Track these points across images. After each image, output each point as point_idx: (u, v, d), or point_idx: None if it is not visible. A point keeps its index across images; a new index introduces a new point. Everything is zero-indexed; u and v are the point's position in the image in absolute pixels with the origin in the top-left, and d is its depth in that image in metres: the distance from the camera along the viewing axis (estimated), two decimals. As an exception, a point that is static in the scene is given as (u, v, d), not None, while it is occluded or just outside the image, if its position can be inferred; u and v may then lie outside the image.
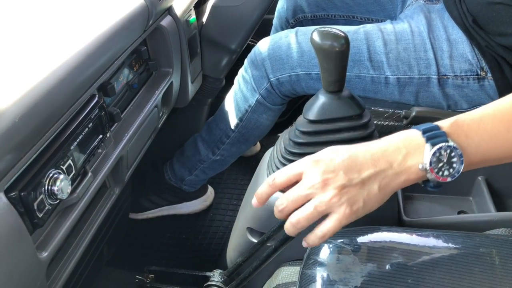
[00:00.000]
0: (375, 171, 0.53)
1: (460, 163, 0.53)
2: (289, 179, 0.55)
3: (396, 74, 0.96)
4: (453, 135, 0.53)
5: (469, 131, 0.54)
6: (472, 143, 0.53)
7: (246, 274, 0.75)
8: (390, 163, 0.53)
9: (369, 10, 1.20)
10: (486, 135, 0.53)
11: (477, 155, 0.54)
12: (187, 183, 1.30)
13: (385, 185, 0.53)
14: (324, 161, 0.53)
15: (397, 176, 0.53)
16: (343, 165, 0.53)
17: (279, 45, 1.02)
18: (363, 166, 0.53)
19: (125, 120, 0.89)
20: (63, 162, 0.65)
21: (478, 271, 0.58)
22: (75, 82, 0.67)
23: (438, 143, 0.52)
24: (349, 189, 0.52)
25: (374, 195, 0.53)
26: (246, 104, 1.10)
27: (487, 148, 0.54)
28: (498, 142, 0.53)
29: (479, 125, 0.54)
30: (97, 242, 1.00)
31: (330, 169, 0.52)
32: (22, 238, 0.57)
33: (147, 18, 0.88)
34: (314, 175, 0.52)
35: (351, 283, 0.57)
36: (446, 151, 0.52)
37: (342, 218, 0.52)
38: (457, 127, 0.54)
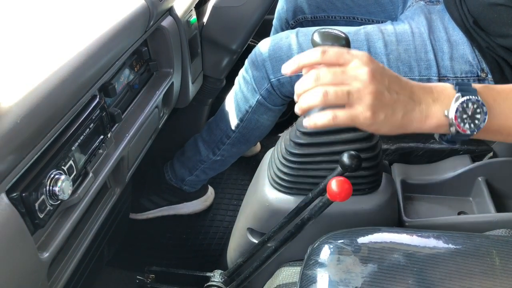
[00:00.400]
0: (409, 99, 0.54)
1: (483, 120, 0.55)
2: (338, 58, 0.54)
3: (396, 75, 0.96)
4: (483, 94, 0.56)
5: (497, 96, 0.56)
6: (498, 107, 0.56)
7: (246, 275, 0.75)
8: (420, 101, 0.55)
9: (369, 11, 1.20)
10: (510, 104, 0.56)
11: (498, 120, 0.56)
12: (187, 183, 1.30)
13: (409, 117, 0.54)
14: (377, 63, 0.55)
15: (421, 115, 0.55)
16: (391, 76, 0.55)
17: (279, 45, 1.02)
18: (404, 89, 0.54)
19: (126, 121, 0.89)
20: (64, 163, 0.65)
21: (478, 271, 0.58)
22: (77, 83, 0.67)
23: (467, 95, 0.54)
24: (383, 98, 0.53)
25: (395, 119, 0.54)
26: (247, 104, 1.10)
27: (509, 117, 0.56)
28: None
29: (508, 94, 0.57)
30: (97, 242, 1.00)
31: (380, 72, 0.54)
32: (23, 238, 0.57)
33: (148, 19, 0.89)
34: (365, 67, 0.53)
35: (351, 283, 0.57)
36: (474, 104, 0.54)
37: (358, 117, 0.53)
38: (488, 89, 0.57)
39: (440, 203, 0.89)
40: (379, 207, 0.77)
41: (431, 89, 0.56)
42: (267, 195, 0.80)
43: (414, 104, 0.54)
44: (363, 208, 0.76)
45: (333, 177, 0.59)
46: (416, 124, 0.55)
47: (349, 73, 0.53)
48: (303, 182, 0.77)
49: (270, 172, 0.81)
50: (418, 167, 0.94)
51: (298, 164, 0.76)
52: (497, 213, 0.81)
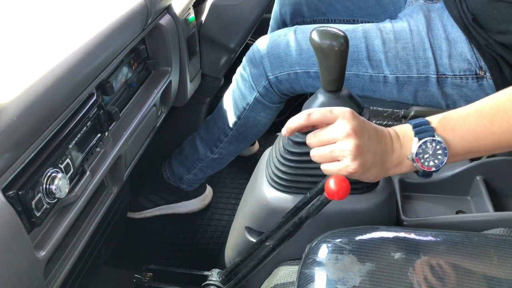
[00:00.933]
0: (384, 151, 0.60)
1: (444, 155, 0.59)
2: (323, 119, 0.60)
3: (394, 73, 0.96)
4: (440, 129, 0.60)
5: (456, 125, 0.60)
6: (458, 136, 0.59)
7: (244, 273, 0.75)
8: (393, 150, 0.61)
9: (370, 13, 1.19)
10: (471, 128, 0.59)
11: (462, 146, 0.60)
12: (185, 182, 1.30)
13: (386, 166, 0.61)
14: (359, 119, 0.60)
15: (394, 163, 0.61)
16: (369, 131, 0.60)
17: (277, 43, 1.02)
18: (380, 143, 0.60)
19: (123, 119, 0.89)
20: (61, 161, 0.65)
21: (476, 270, 0.58)
22: (74, 81, 0.67)
23: (424, 137, 0.59)
24: (364, 153, 0.58)
25: (375, 171, 0.60)
26: (244, 102, 1.09)
27: (471, 140, 0.59)
28: (482, 135, 0.59)
29: (465, 119, 0.60)
30: (95, 241, 1.00)
31: (360, 128, 0.59)
32: (19, 237, 0.56)
33: (146, 17, 0.88)
34: (346, 125, 0.58)
35: (349, 282, 0.57)
36: (431, 144, 0.59)
37: (343, 169, 0.59)
38: (445, 122, 0.60)
39: (438, 202, 0.88)
40: (377, 206, 0.76)
41: (397, 136, 0.61)
42: (265, 194, 0.80)
43: (388, 155, 0.60)
44: (361, 207, 0.76)
45: (331, 176, 0.59)
46: (393, 171, 0.61)
47: (332, 134, 0.59)
48: (301, 181, 0.76)
49: (268, 171, 0.81)
50: (416, 166, 0.94)
51: (296, 162, 0.75)
52: (495, 212, 0.81)
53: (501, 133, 0.58)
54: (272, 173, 0.79)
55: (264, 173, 0.82)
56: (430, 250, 0.62)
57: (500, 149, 0.61)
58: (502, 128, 0.58)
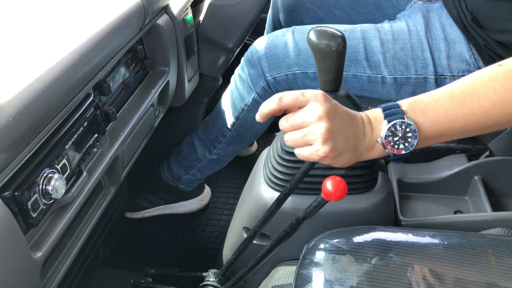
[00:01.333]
0: (356, 135, 0.59)
1: (414, 138, 0.58)
2: (295, 102, 0.59)
3: (393, 73, 0.96)
4: (411, 112, 0.59)
5: (426, 109, 0.58)
6: (428, 118, 0.58)
7: (241, 274, 0.75)
8: (364, 134, 0.60)
9: (369, 18, 1.18)
10: (441, 111, 0.58)
11: (432, 129, 0.58)
12: (183, 182, 1.30)
13: (358, 151, 0.60)
14: (331, 102, 0.58)
15: (366, 147, 0.60)
16: (342, 114, 0.59)
17: (275, 43, 1.02)
18: (353, 126, 0.59)
19: (121, 119, 0.89)
20: (58, 162, 0.64)
21: (474, 271, 0.57)
22: (70, 81, 0.66)
23: (394, 119, 0.58)
24: (335, 136, 0.57)
25: (347, 155, 0.59)
26: (243, 103, 1.09)
27: (442, 123, 0.58)
28: (452, 117, 0.58)
29: (436, 102, 0.58)
30: (93, 241, 1.00)
31: (332, 111, 0.57)
32: (15, 238, 0.56)
33: (143, 17, 0.88)
34: (317, 108, 0.57)
35: (347, 283, 0.57)
36: (401, 126, 0.58)
37: (314, 154, 0.58)
38: (415, 105, 0.59)
39: (436, 202, 0.88)
40: (375, 206, 0.76)
41: (369, 120, 0.60)
42: (263, 194, 0.80)
43: (360, 139, 0.59)
44: (359, 207, 0.76)
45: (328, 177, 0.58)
46: (365, 155, 0.61)
47: (303, 118, 0.58)
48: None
49: (266, 171, 0.81)
50: (414, 166, 0.94)
51: (293, 163, 0.75)
52: (493, 212, 0.81)
53: (472, 116, 0.57)
54: (269, 173, 0.79)
55: (262, 173, 0.82)
56: (428, 250, 0.62)
57: (470, 132, 0.60)
58: (472, 111, 0.57)
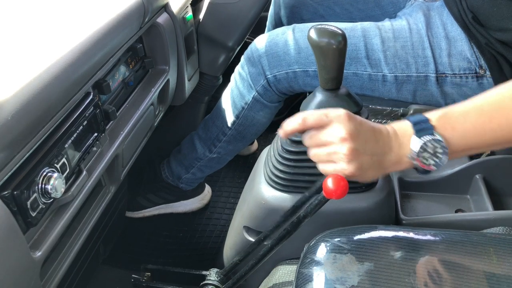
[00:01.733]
0: (382, 151, 0.59)
1: (444, 154, 0.58)
2: (319, 123, 0.60)
3: (393, 72, 0.95)
4: (441, 128, 0.59)
5: (456, 124, 0.59)
6: (457, 134, 0.59)
7: (242, 273, 0.75)
8: (390, 149, 0.60)
9: (369, 15, 1.18)
10: (470, 126, 0.58)
11: (461, 144, 0.59)
12: (184, 181, 1.29)
13: (383, 166, 0.60)
14: (355, 121, 0.59)
15: (392, 162, 0.60)
16: (366, 133, 0.59)
17: (276, 42, 1.01)
18: (377, 143, 0.59)
19: (120, 118, 0.88)
20: (57, 161, 0.64)
21: (475, 269, 0.57)
22: (70, 80, 0.66)
23: (424, 135, 0.58)
24: (360, 155, 0.58)
25: (372, 170, 0.60)
26: (243, 101, 1.09)
27: (470, 137, 0.59)
28: (481, 132, 0.58)
29: (465, 117, 0.59)
30: (93, 241, 0.99)
31: (356, 131, 0.58)
32: (15, 237, 0.56)
33: (143, 15, 0.88)
34: (341, 129, 0.58)
35: (348, 282, 0.57)
36: (432, 143, 0.58)
37: (339, 172, 0.59)
38: (445, 120, 0.59)
39: (437, 201, 0.88)
40: (376, 205, 0.76)
41: (396, 135, 0.60)
42: (263, 193, 0.79)
43: (386, 155, 0.60)
44: (359, 206, 0.76)
45: (329, 175, 0.58)
46: (391, 169, 0.61)
47: (327, 137, 0.59)
48: (300, 180, 0.76)
49: (266, 170, 0.81)
50: (415, 164, 0.94)
51: (294, 162, 0.75)
52: (495, 211, 0.81)
53: (500, 130, 0.58)
54: (270, 172, 0.79)
55: (262, 172, 0.82)
56: (429, 249, 0.62)
57: (497, 145, 0.61)
58: (500, 126, 0.58)
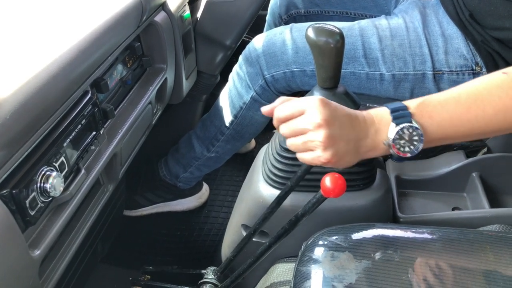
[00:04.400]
0: (357, 137, 0.59)
1: (420, 142, 0.58)
2: (293, 112, 0.60)
3: (391, 70, 0.95)
4: (418, 116, 0.59)
5: (433, 112, 0.59)
6: (434, 122, 0.59)
7: (240, 271, 0.75)
8: (366, 135, 0.59)
9: (363, 6, 1.19)
10: (447, 115, 0.58)
11: (438, 133, 0.59)
12: (182, 180, 1.29)
13: (359, 152, 0.60)
14: (329, 106, 0.58)
15: (368, 148, 0.60)
16: (341, 119, 0.58)
17: (273, 41, 1.01)
18: (353, 129, 0.59)
19: (118, 117, 0.88)
20: (56, 159, 0.64)
21: (472, 267, 0.58)
22: (68, 78, 0.66)
23: (402, 122, 0.58)
24: (336, 141, 0.58)
25: (349, 156, 0.59)
26: (241, 101, 1.09)
27: (447, 127, 0.59)
28: (457, 122, 0.58)
29: (443, 106, 0.59)
30: (91, 239, 0.99)
31: (332, 117, 0.57)
32: (14, 236, 0.56)
33: (141, 14, 0.88)
34: (316, 115, 0.57)
35: (345, 280, 0.57)
36: (408, 130, 0.58)
37: (316, 159, 0.59)
38: (423, 107, 0.59)
39: (434, 199, 0.89)
40: (373, 203, 0.76)
41: (373, 120, 0.60)
42: (261, 191, 0.80)
43: (361, 140, 0.59)
44: (357, 204, 0.76)
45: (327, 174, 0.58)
46: (367, 155, 0.61)
47: (301, 125, 0.59)
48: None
49: (264, 169, 0.81)
50: (412, 163, 0.94)
51: (292, 160, 0.75)
52: (491, 208, 0.81)
53: (476, 122, 0.58)
54: (268, 170, 0.79)
55: (260, 170, 0.82)
56: (426, 247, 0.62)
57: (473, 136, 0.61)
58: (477, 117, 0.58)
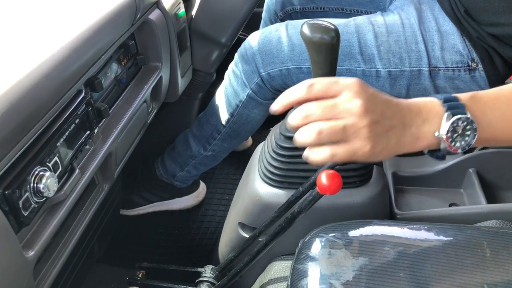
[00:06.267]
0: (401, 125, 0.53)
1: (472, 137, 0.53)
2: (328, 91, 0.51)
3: (387, 67, 0.95)
4: (471, 108, 0.54)
5: (485, 108, 0.54)
6: (486, 119, 0.54)
7: (237, 269, 0.75)
8: (411, 124, 0.53)
9: (358, 2, 1.19)
10: (499, 114, 0.54)
11: (488, 132, 0.54)
12: (178, 179, 1.29)
13: (402, 142, 0.53)
14: (369, 91, 0.51)
15: (412, 138, 0.53)
16: (384, 104, 0.52)
17: (269, 39, 1.01)
18: (395, 115, 0.52)
19: (113, 116, 0.88)
20: (49, 159, 0.64)
21: (469, 263, 0.57)
22: (61, 77, 0.66)
23: (457, 114, 0.52)
24: (378, 128, 0.51)
25: (391, 146, 0.52)
26: (237, 99, 1.09)
27: (497, 127, 0.54)
28: (507, 123, 0.54)
29: (495, 103, 0.54)
30: (87, 239, 0.99)
31: (372, 101, 0.51)
32: (7, 237, 0.55)
33: (135, 12, 0.87)
34: (358, 98, 0.50)
35: (342, 277, 0.57)
36: (463, 122, 0.52)
37: (358, 152, 0.51)
38: (475, 101, 0.54)
39: (431, 195, 0.89)
40: (370, 200, 0.76)
41: (419, 109, 0.54)
42: (258, 189, 0.79)
43: (405, 129, 0.53)
44: (354, 201, 0.76)
45: (323, 170, 0.58)
46: (407, 147, 0.54)
47: (341, 106, 0.50)
48: (294, 176, 0.76)
49: (260, 166, 0.81)
50: (409, 159, 0.94)
51: (288, 157, 0.75)
52: (488, 204, 0.81)
53: None
54: (264, 168, 0.79)
55: (256, 168, 0.82)
56: (424, 243, 0.62)
57: None
58: None
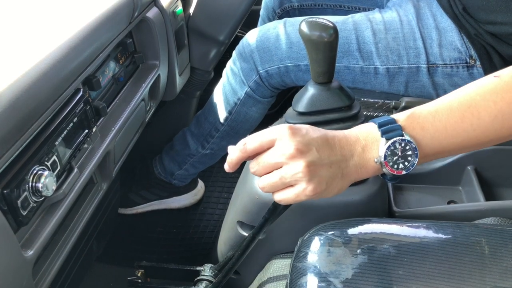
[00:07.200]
0: (341, 157, 0.53)
1: (414, 156, 0.53)
2: (261, 146, 0.53)
3: (385, 64, 0.95)
4: (409, 128, 0.53)
5: (425, 123, 0.54)
6: (428, 134, 0.53)
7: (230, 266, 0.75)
8: (352, 154, 0.53)
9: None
10: (441, 126, 0.53)
11: (432, 146, 0.54)
12: (177, 178, 1.29)
13: (347, 174, 0.54)
14: (299, 133, 0.52)
15: (356, 168, 0.54)
16: (316, 142, 0.52)
17: (267, 36, 1.01)
18: (333, 150, 0.53)
19: (111, 114, 0.88)
20: (48, 158, 0.63)
21: (467, 260, 0.58)
22: (59, 76, 0.65)
23: (392, 137, 0.52)
24: (316, 168, 0.51)
25: (336, 182, 0.53)
26: (235, 97, 1.09)
27: (442, 139, 0.54)
28: (453, 132, 0.53)
29: (435, 116, 0.54)
30: (86, 238, 0.99)
31: (304, 142, 0.52)
32: (5, 236, 0.55)
33: (132, 10, 0.87)
34: (288, 144, 0.51)
35: (342, 275, 0.57)
36: (400, 144, 0.52)
37: (301, 194, 0.52)
38: (413, 119, 0.54)
39: (429, 193, 0.89)
40: (368, 198, 0.76)
41: (357, 137, 0.54)
42: (256, 187, 0.79)
43: (347, 160, 0.53)
44: (352, 199, 0.76)
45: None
46: (354, 177, 0.54)
47: (275, 156, 0.52)
48: (293, 174, 0.76)
49: (259, 165, 0.81)
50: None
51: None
52: (486, 201, 0.81)
53: (472, 131, 0.53)
54: (263, 166, 0.79)
55: (255, 166, 0.82)
56: (422, 241, 0.62)
57: (469, 148, 0.56)
58: (473, 125, 0.53)
